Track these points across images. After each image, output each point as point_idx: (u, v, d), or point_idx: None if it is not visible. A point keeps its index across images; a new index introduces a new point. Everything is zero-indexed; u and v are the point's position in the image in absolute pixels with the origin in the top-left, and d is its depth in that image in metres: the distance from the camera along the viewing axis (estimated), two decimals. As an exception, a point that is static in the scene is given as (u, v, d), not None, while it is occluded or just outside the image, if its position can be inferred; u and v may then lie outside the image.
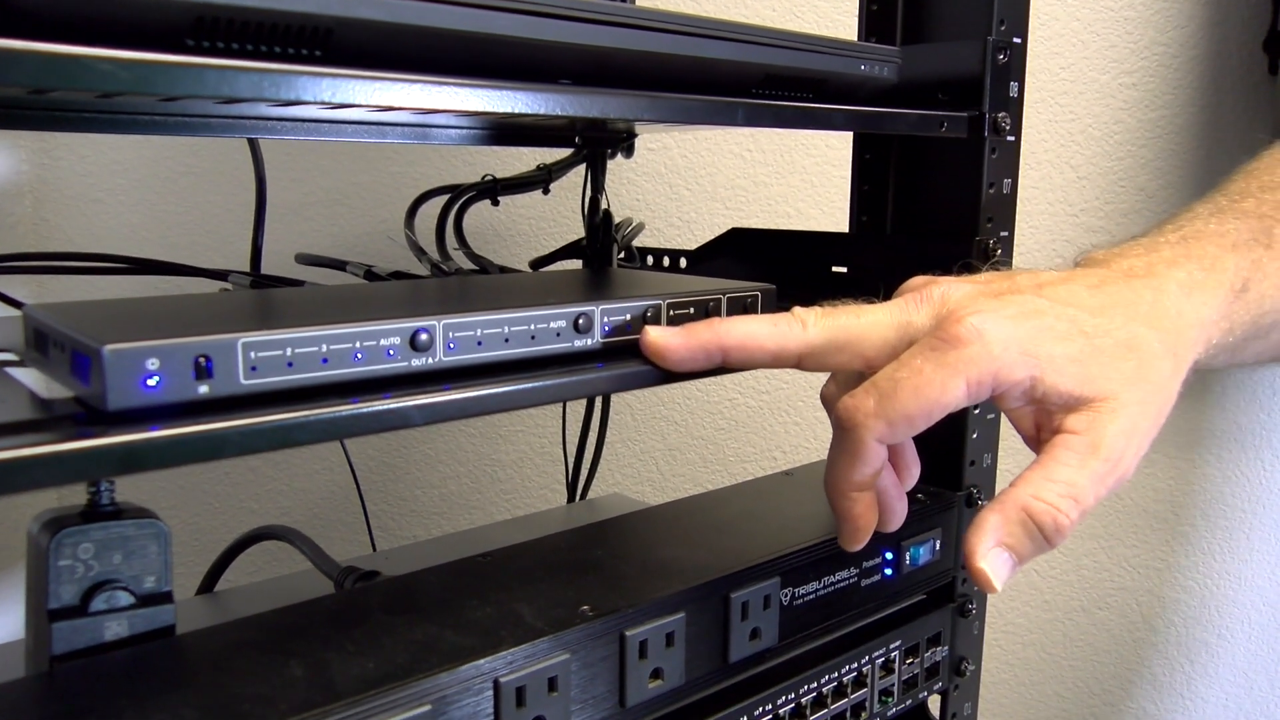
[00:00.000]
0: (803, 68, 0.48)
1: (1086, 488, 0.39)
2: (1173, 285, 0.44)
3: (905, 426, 0.40)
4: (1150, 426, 0.41)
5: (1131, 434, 0.40)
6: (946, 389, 0.39)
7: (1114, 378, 0.40)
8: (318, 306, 0.40)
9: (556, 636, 0.40)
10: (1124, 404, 0.40)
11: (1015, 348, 0.40)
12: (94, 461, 0.29)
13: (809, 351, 0.43)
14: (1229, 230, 0.47)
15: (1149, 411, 0.41)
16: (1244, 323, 0.46)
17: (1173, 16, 0.89)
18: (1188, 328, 0.43)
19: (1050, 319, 0.41)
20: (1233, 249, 0.46)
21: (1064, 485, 0.39)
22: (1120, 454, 0.40)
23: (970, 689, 0.63)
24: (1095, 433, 0.40)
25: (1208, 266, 0.45)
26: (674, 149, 1.02)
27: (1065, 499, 0.39)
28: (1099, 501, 0.39)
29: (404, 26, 0.35)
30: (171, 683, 0.36)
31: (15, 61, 0.26)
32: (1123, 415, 0.40)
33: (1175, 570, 0.94)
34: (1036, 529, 0.39)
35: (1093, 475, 0.39)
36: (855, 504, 0.44)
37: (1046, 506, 0.39)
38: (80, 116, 0.50)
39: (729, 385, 1.05)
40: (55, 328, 0.34)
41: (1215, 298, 0.45)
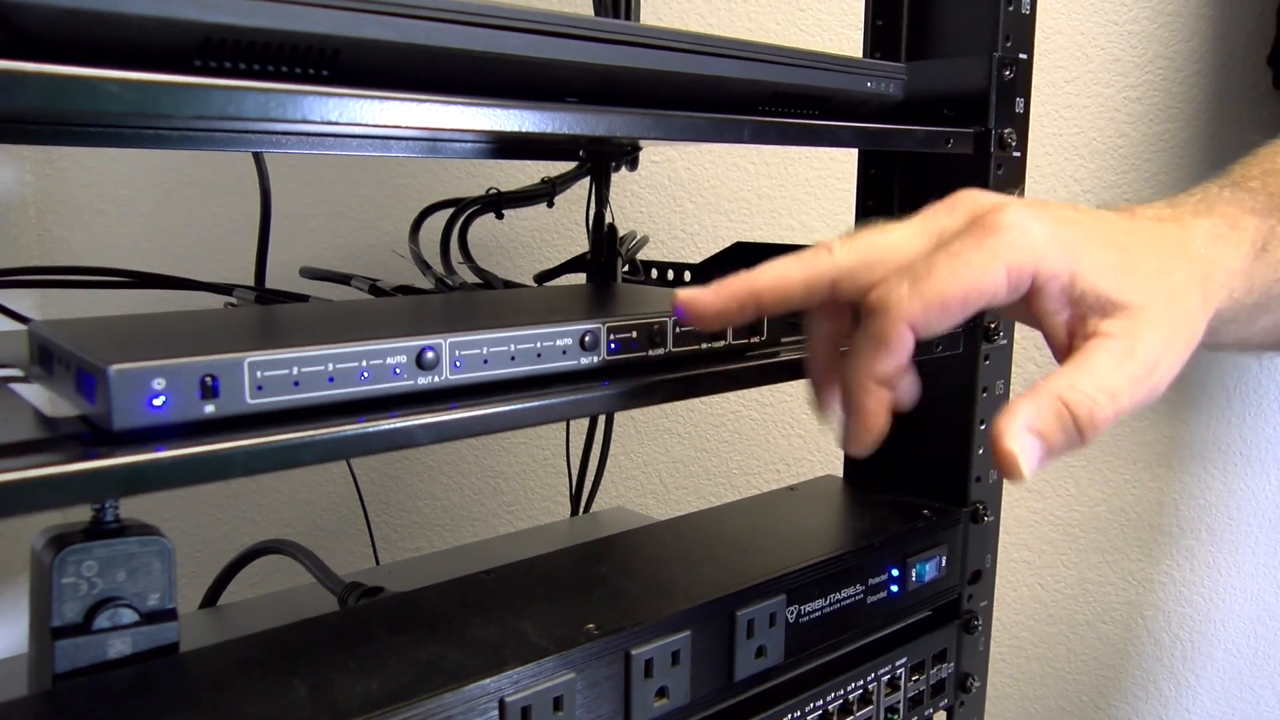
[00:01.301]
0: (808, 85, 0.48)
1: (1123, 387, 0.38)
2: (1199, 232, 0.44)
3: (939, 311, 0.38)
4: (1181, 349, 0.40)
5: (1166, 347, 0.39)
6: (986, 272, 0.38)
7: (1149, 292, 0.40)
8: (323, 324, 0.40)
9: (562, 655, 0.40)
10: (1159, 317, 0.39)
11: (1057, 241, 0.39)
12: (99, 483, 0.29)
13: (841, 274, 0.40)
14: (1243, 198, 0.47)
15: (1180, 334, 0.40)
16: (1262, 284, 0.46)
17: (1177, 31, 0.89)
18: (1214, 270, 0.43)
19: (1087, 227, 0.40)
20: (1252, 213, 0.46)
21: (1102, 380, 0.38)
22: (1155, 363, 0.39)
23: (976, 705, 0.63)
24: (1132, 338, 0.39)
25: (1230, 224, 0.45)
26: (678, 162, 1.02)
27: (1102, 393, 0.37)
28: (1133, 407, 0.38)
29: (411, 46, 0.35)
30: (175, 702, 0.36)
31: (24, 83, 0.27)
32: (1159, 326, 0.39)
33: (1180, 584, 0.94)
34: (1071, 419, 0.37)
35: (1130, 377, 0.38)
36: (871, 397, 0.40)
37: (1083, 397, 0.37)
38: (85, 131, 0.50)
39: (733, 398, 1.05)
40: (61, 346, 0.34)
41: (1239, 250, 0.44)
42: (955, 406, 0.61)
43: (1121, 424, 0.93)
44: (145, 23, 0.29)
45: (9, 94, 0.26)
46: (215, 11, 0.30)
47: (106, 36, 0.29)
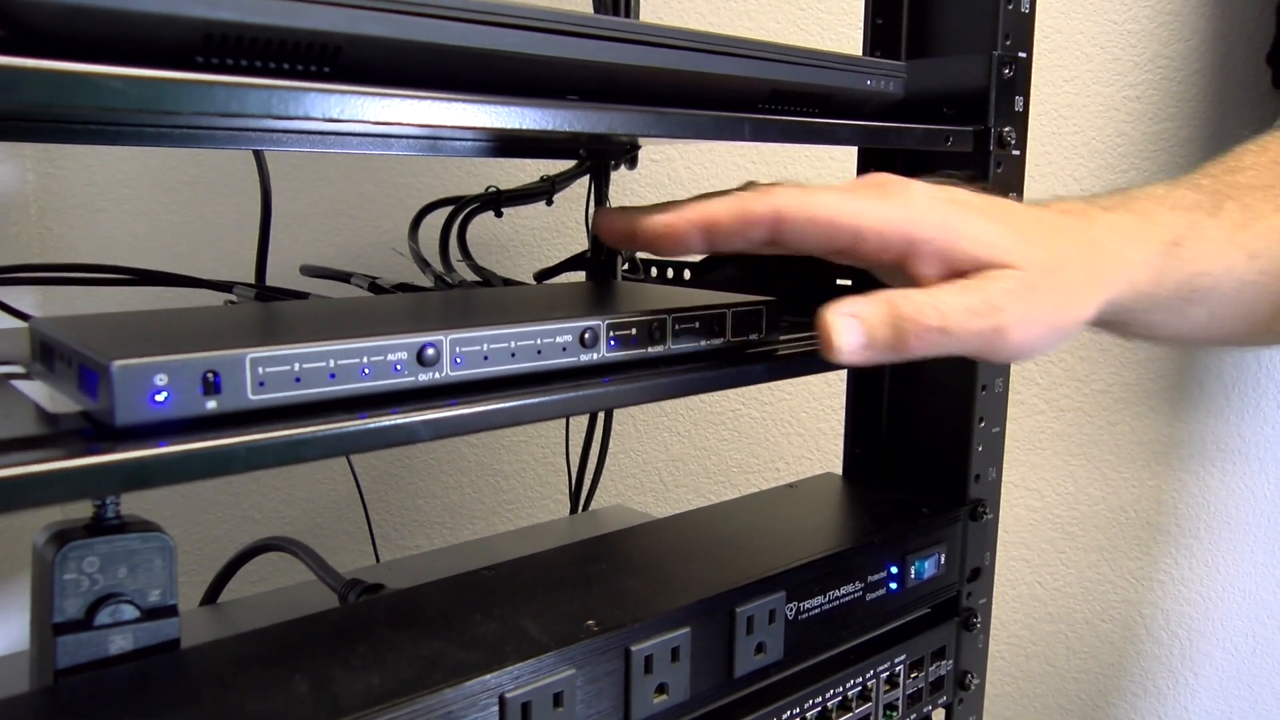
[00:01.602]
0: (808, 83, 0.48)
1: (955, 310, 0.40)
2: (1102, 225, 0.46)
3: (805, 222, 0.41)
4: (1046, 313, 0.42)
5: (1019, 298, 0.41)
6: (862, 214, 0.41)
7: (1025, 254, 0.42)
8: (325, 321, 0.40)
9: (562, 652, 0.40)
10: (1024, 272, 0.41)
11: (937, 215, 0.41)
12: (102, 478, 0.29)
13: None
14: (1175, 195, 0.49)
15: (1049, 293, 0.42)
16: (1176, 280, 0.47)
17: (1177, 30, 0.89)
18: (1108, 259, 0.45)
19: (979, 205, 0.43)
20: (1172, 209, 0.48)
21: (936, 299, 0.40)
22: (1001, 307, 0.40)
23: (975, 702, 0.63)
24: (985, 279, 0.41)
25: (1141, 218, 0.47)
26: (677, 160, 1.02)
27: (930, 308, 0.40)
28: (964, 338, 0.40)
29: (411, 43, 0.35)
30: (176, 698, 0.36)
31: (26, 80, 0.27)
32: (1018, 279, 0.41)
33: (1179, 583, 0.94)
34: (894, 318, 0.39)
35: (964, 305, 0.40)
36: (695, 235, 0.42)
37: (910, 303, 0.40)
38: (86, 129, 0.50)
39: (732, 396, 1.05)
40: (62, 342, 0.34)
41: (1145, 245, 0.46)
42: (954, 405, 0.61)
43: (1119, 422, 0.93)
44: (148, 19, 0.29)
45: (12, 90, 0.26)
46: (218, 8, 0.30)
47: (109, 33, 0.29)
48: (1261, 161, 0.52)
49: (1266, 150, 0.54)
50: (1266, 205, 0.50)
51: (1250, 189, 0.50)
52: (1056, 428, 0.95)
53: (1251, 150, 0.54)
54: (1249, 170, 0.52)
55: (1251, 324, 0.51)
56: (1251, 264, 0.49)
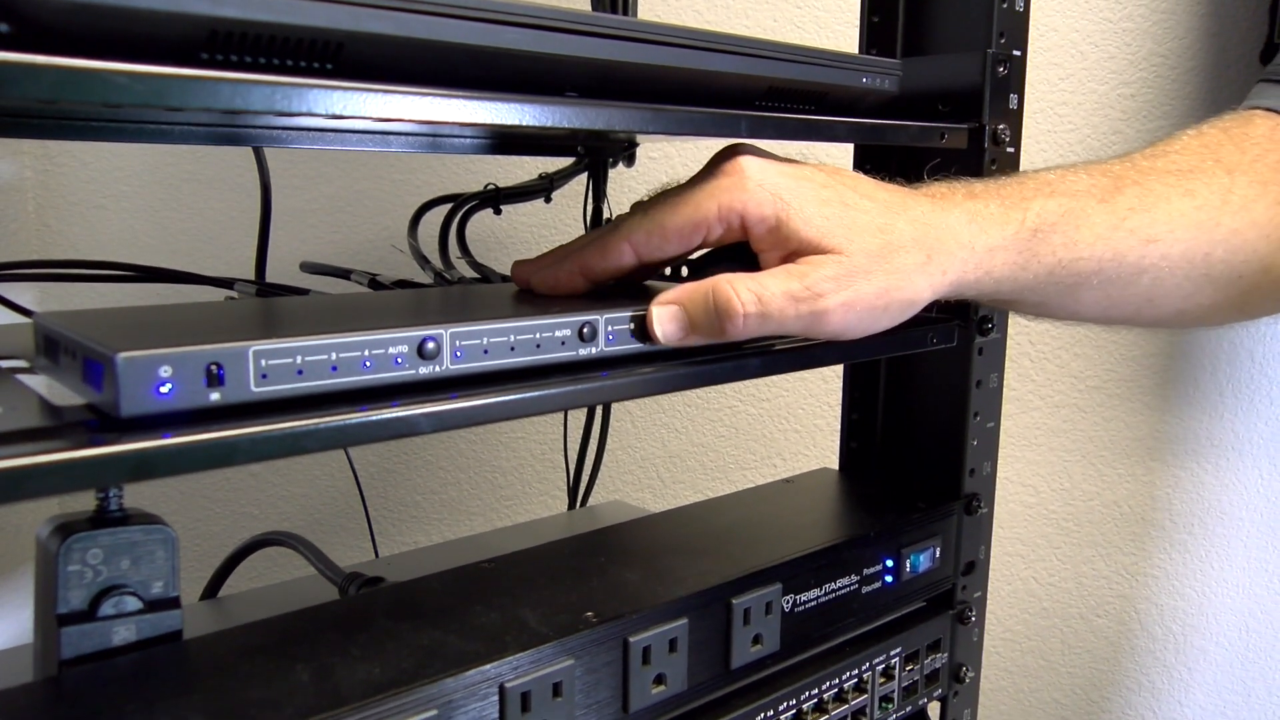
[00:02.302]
0: (805, 80, 0.48)
1: (775, 294, 0.42)
2: (958, 211, 0.47)
3: (658, 238, 0.44)
4: (871, 292, 0.44)
5: (845, 283, 0.43)
6: (700, 208, 0.44)
7: (853, 241, 0.44)
8: (326, 315, 0.41)
9: (561, 642, 0.41)
10: (850, 259, 0.43)
11: (769, 188, 0.44)
12: (107, 468, 0.29)
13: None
14: (1065, 181, 0.49)
15: (875, 283, 0.44)
16: (1047, 265, 0.48)
17: (1171, 28, 0.89)
18: (954, 244, 0.46)
19: (818, 184, 0.45)
20: (1050, 195, 0.49)
21: (757, 284, 0.42)
22: (824, 292, 0.43)
23: (969, 695, 0.64)
24: (809, 265, 0.43)
25: (1007, 205, 0.48)
26: (675, 158, 1.03)
27: (749, 293, 0.42)
28: (783, 321, 0.43)
29: (412, 40, 0.35)
30: (179, 688, 0.37)
31: (34, 75, 0.27)
32: (843, 265, 0.43)
33: (1173, 577, 0.95)
34: (712, 305, 0.42)
35: (785, 290, 0.42)
36: (567, 280, 0.47)
37: (730, 290, 0.42)
38: (87, 125, 0.51)
39: (729, 393, 1.05)
40: (67, 335, 0.34)
41: (1002, 230, 0.47)
42: (949, 399, 0.62)
43: (1114, 418, 0.93)
44: (153, 16, 0.29)
45: (19, 85, 0.27)
46: (223, 5, 0.30)
47: (114, 29, 0.29)
48: (1191, 145, 0.53)
49: (1201, 135, 0.54)
50: (1175, 190, 0.50)
51: (1164, 173, 0.51)
52: (1051, 423, 0.96)
53: (1188, 134, 0.54)
54: (1174, 154, 0.52)
55: (1159, 307, 0.52)
56: (1149, 249, 0.49)
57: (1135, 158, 0.52)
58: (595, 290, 0.47)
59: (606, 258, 0.45)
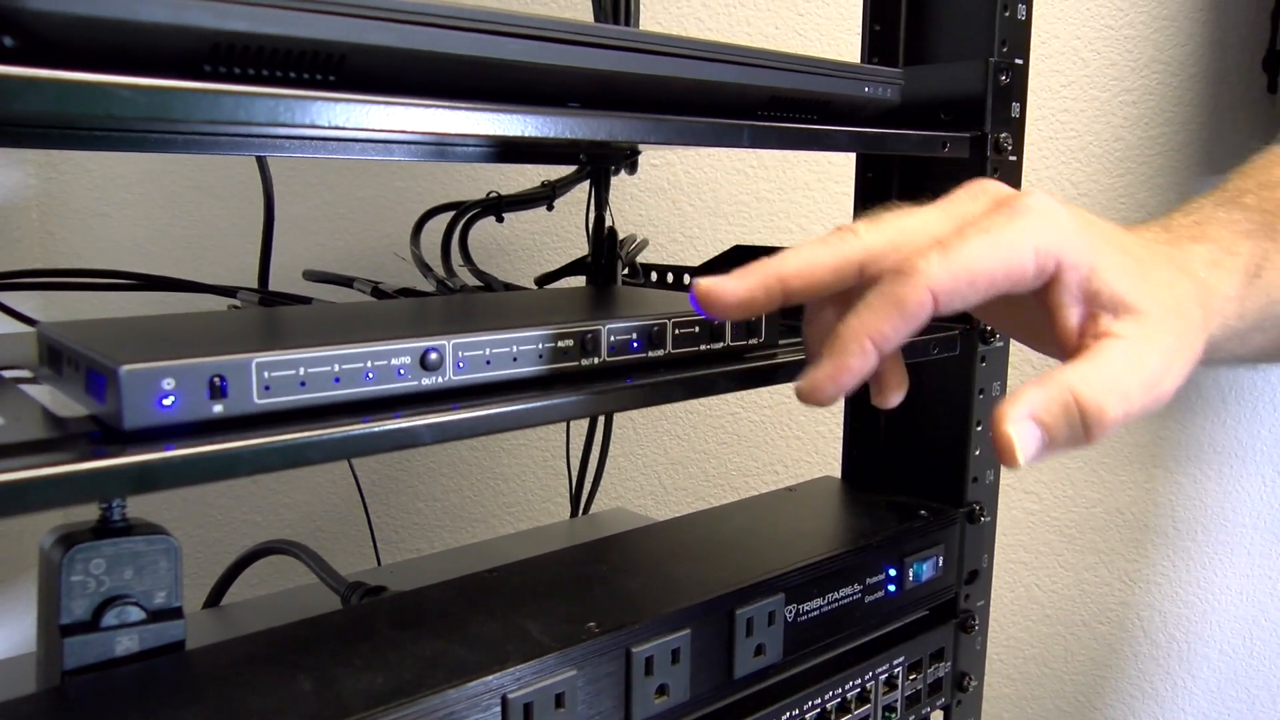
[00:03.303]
0: (807, 90, 0.48)
1: (1135, 391, 0.37)
2: (1196, 258, 0.44)
3: (967, 284, 0.37)
4: (1185, 362, 0.40)
5: (1174, 357, 0.39)
6: (1016, 249, 0.37)
7: (1160, 299, 0.39)
8: (328, 326, 0.41)
9: (563, 653, 0.41)
10: (1168, 326, 0.39)
11: (1080, 234, 0.38)
12: (110, 481, 0.29)
13: (870, 258, 0.39)
14: (1238, 219, 0.47)
15: (1185, 344, 0.40)
16: (1254, 309, 0.46)
17: (1173, 35, 0.89)
18: (1212, 294, 0.43)
19: (1103, 230, 0.40)
20: (1245, 236, 0.46)
21: (1115, 380, 0.37)
22: (1165, 371, 0.38)
23: (973, 704, 0.64)
24: (1145, 341, 0.38)
25: (1224, 249, 0.45)
26: (677, 165, 1.03)
27: (1114, 394, 0.36)
28: (1139, 413, 0.38)
29: (415, 52, 0.35)
30: (182, 698, 0.37)
31: (37, 88, 0.27)
32: (1168, 334, 0.39)
33: (1176, 584, 0.94)
34: (1079, 415, 0.36)
35: (1141, 381, 0.37)
36: (860, 358, 0.38)
37: (1095, 394, 0.36)
38: (91, 135, 0.51)
39: (731, 400, 1.05)
40: (70, 346, 0.34)
41: (1233, 278, 0.44)
42: (952, 408, 0.62)
43: (1118, 426, 0.93)
44: (157, 29, 0.29)
45: (24, 98, 0.27)
46: (226, 18, 0.30)
47: (118, 42, 0.29)
48: None
49: None
50: None
51: None
52: (1054, 431, 0.95)
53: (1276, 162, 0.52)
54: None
55: None
56: None
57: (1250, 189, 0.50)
58: (594, 301, 0.47)
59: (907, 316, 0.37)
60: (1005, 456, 0.36)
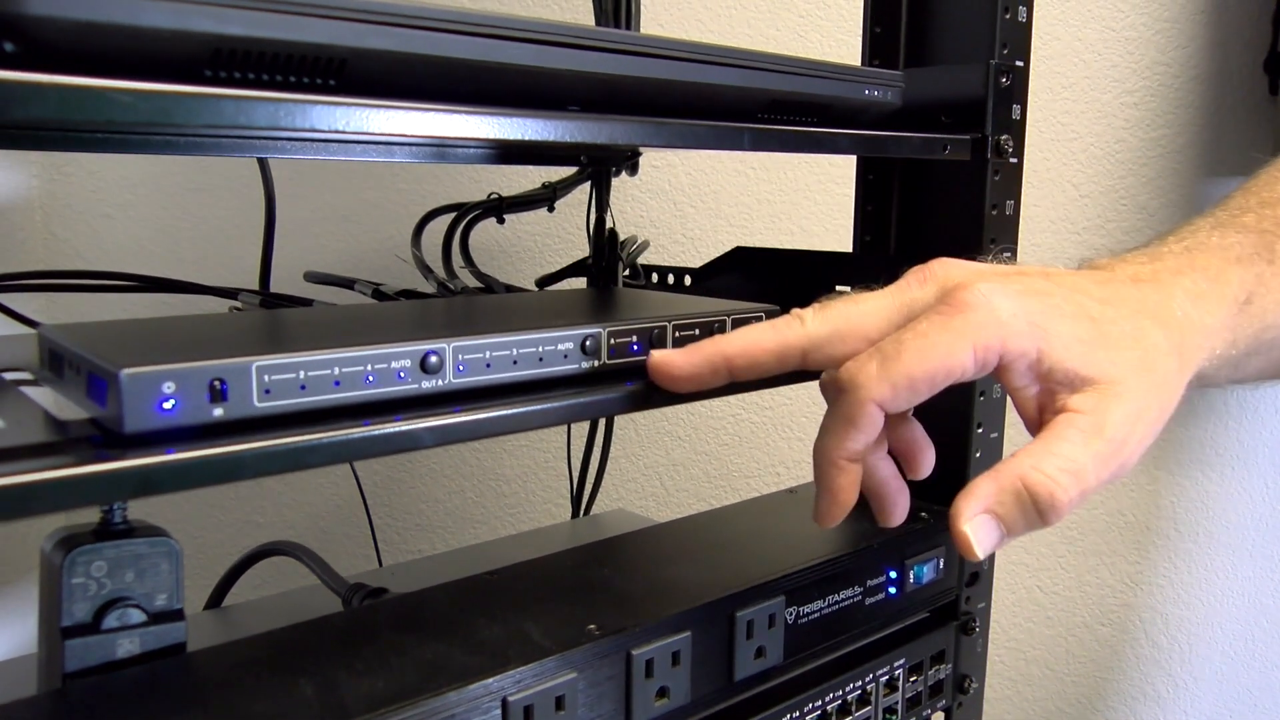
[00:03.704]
0: (807, 93, 0.48)
1: (1089, 467, 0.37)
2: (1179, 292, 0.43)
3: (907, 391, 0.38)
4: (1154, 419, 0.40)
5: (1136, 421, 0.39)
6: (953, 352, 0.38)
7: (1120, 363, 0.39)
8: (329, 328, 0.41)
9: (564, 656, 0.41)
10: (1129, 389, 0.39)
11: (1023, 318, 0.39)
12: (111, 485, 0.29)
13: (812, 345, 0.41)
14: (1231, 244, 0.47)
15: (1152, 402, 0.40)
16: (1247, 336, 0.46)
17: (1174, 37, 0.89)
18: (1193, 332, 0.43)
19: (1058, 299, 0.40)
20: (1236, 262, 0.46)
21: (1066, 460, 0.37)
22: (1125, 438, 0.38)
23: (974, 706, 0.64)
24: (1100, 413, 0.38)
25: (1212, 278, 0.45)
26: (678, 167, 1.03)
27: (1066, 474, 0.37)
28: (1099, 485, 0.38)
29: (416, 56, 0.35)
30: (183, 701, 0.37)
31: (39, 94, 0.27)
32: (1129, 399, 0.39)
33: (1178, 586, 0.94)
34: (1031, 502, 0.37)
35: (1096, 455, 0.38)
36: (842, 474, 0.41)
37: (1045, 479, 0.37)
38: (94, 138, 0.51)
39: (732, 402, 1.05)
40: (71, 349, 0.34)
41: (1220, 308, 0.44)
42: (953, 411, 0.62)
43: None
44: (158, 34, 0.30)
45: (26, 104, 0.27)
46: (227, 23, 0.30)
47: (119, 48, 0.29)
48: None
49: None
50: None
51: None
52: (1056, 432, 0.95)
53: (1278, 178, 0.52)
54: None
55: None
56: None
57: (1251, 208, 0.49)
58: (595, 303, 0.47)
59: (864, 430, 0.39)
60: (964, 553, 0.37)
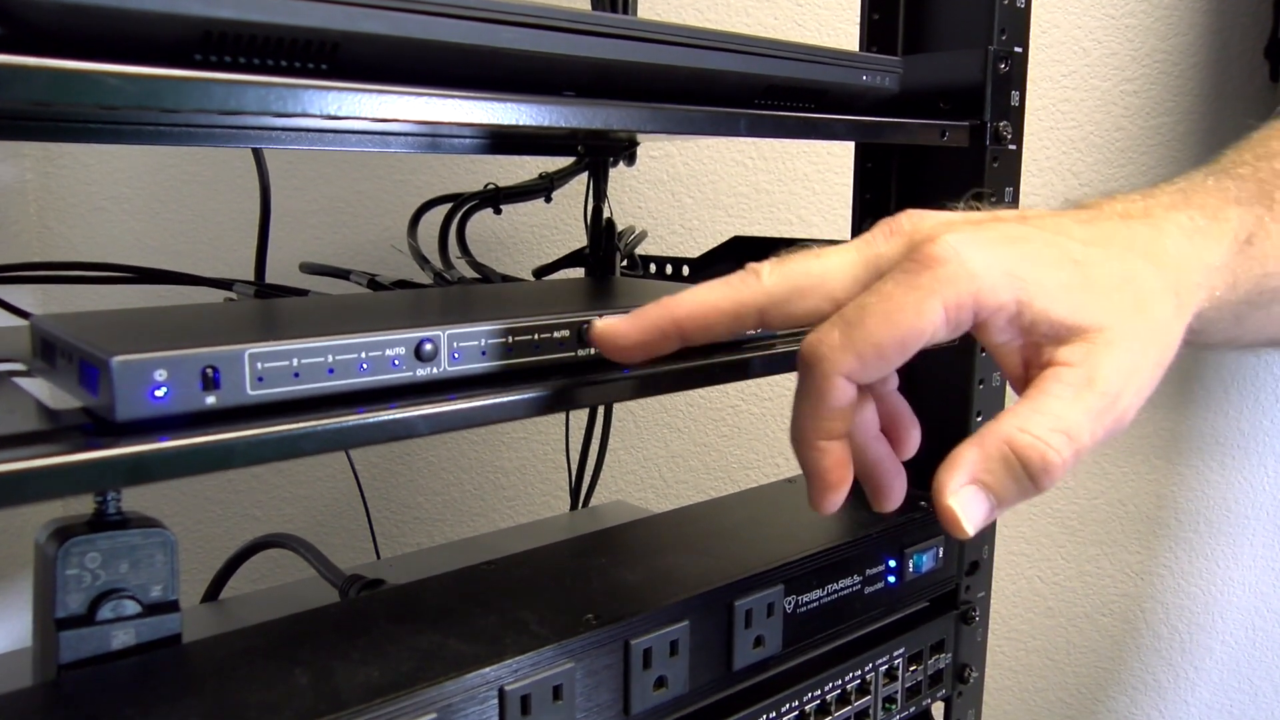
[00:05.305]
0: (805, 78, 0.48)
1: (1081, 423, 0.34)
2: (1172, 227, 0.40)
3: (876, 360, 0.35)
4: (1151, 368, 0.37)
5: (1131, 371, 0.36)
6: (922, 313, 0.34)
7: (1110, 308, 0.36)
8: (323, 317, 0.41)
9: (561, 645, 0.41)
10: (1121, 336, 0.36)
11: (998, 268, 0.35)
12: (103, 472, 0.29)
13: (770, 302, 0.37)
14: (1228, 187, 0.43)
15: (1149, 348, 0.37)
16: (1248, 280, 0.42)
17: (1174, 24, 0.89)
18: (1189, 269, 0.39)
19: (1036, 244, 0.37)
20: (1235, 202, 0.42)
21: (1055, 419, 0.34)
22: (1119, 391, 0.35)
23: (974, 696, 0.64)
24: (1091, 364, 0.35)
25: (1210, 215, 0.41)
26: (676, 157, 1.02)
27: (1056, 434, 0.34)
28: (1095, 444, 0.35)
29: (408, 40, 0.35)
30: (178, 691, 0.36)
31: (26, 77, 0.27)
32: (1121, 348, 0.35)
33: (1179, 576, 0.94)
34: (1020, 467, 0.34)
35: (1088, 410, 0.34)
36: (824, 456, 0.37)
37: (1034, 440, 0.34)
38: (85, 127, 0.51)
39: (731, 393, 1.05)
40: (63, 338, 0.34)
41: (1219, 244, 0.41)
42: (952, 399, 0.61)
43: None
44: (146, 17, 0.29)
45: (12, 87, 0.27)
46: (217, 6, 0.30)
47: (107, 31, 0.29)
48: None
49: None
50: None
51: None
52: (1055, 422, 0.95)
53: (1274, 135, 0.49)
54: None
55: None
56: None
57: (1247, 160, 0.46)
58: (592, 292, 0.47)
59: (836, 406, 0.36)
60: (952, 530, 0.34)
